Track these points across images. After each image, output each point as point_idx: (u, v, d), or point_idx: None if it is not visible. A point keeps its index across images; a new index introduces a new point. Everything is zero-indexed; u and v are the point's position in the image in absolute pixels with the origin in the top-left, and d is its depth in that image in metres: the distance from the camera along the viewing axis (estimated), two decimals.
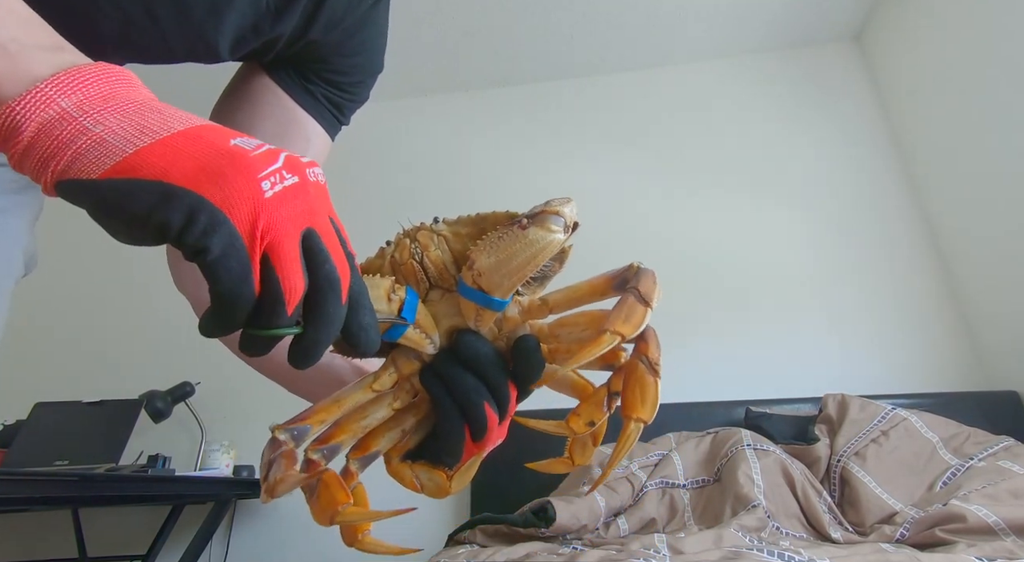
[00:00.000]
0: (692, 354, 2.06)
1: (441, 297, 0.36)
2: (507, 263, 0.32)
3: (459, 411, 0.35)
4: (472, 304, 0.34)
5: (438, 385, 0.36)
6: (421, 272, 0.36)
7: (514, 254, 0.32)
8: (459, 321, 0.36)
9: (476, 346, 0.35)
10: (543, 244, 0.32)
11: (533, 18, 2.32)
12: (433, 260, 0.36)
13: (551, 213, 0.32)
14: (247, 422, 2.16)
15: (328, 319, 0.29)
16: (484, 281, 0.33)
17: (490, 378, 0.35)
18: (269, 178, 0.26)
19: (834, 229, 2.17)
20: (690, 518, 1.42)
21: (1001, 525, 1.05)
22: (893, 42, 2.25)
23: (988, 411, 1.70)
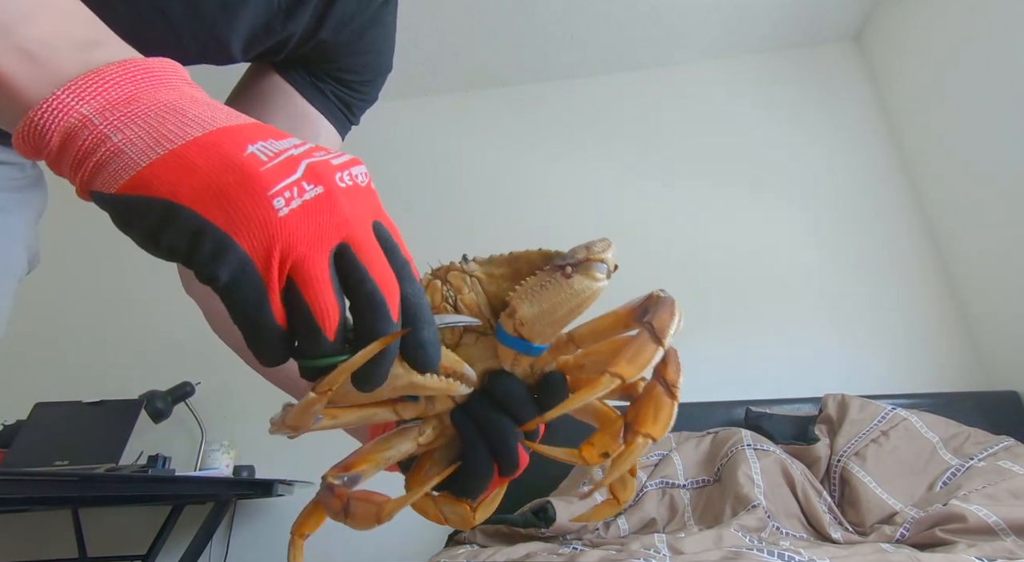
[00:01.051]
0: (692, 354, 2.05)
1: (475, 340, 0.35)
2: (551, 313, 0.31)
3: (490, 450, 0.35)
4: (511, 352, 0.33)
5: (471, 427, 0.35)
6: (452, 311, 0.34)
7: (559, 304, 0.31)
8: (494, 363, 0.35)
9: (512, 389, 0.35)
10: (588, 293, 0.31)
11: (533, 18, 2.32)
12: (467, 303, 0.34)
13: (596, 261, 0.31)
14: (247, 422, 2.16)
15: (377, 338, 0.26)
16: (526, 330, 0.32)
17: (522, 418, 0.35)
18: (283, 194, 0.24)
19: (834, 229, 2.17)
20: (690, 518, 1.42)
21: (1001, 525, 1.05)
22: (893, 42, 2.25)
23: (988, 411, 1.70)
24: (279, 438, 1.92)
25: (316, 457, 2.24)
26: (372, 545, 1.96)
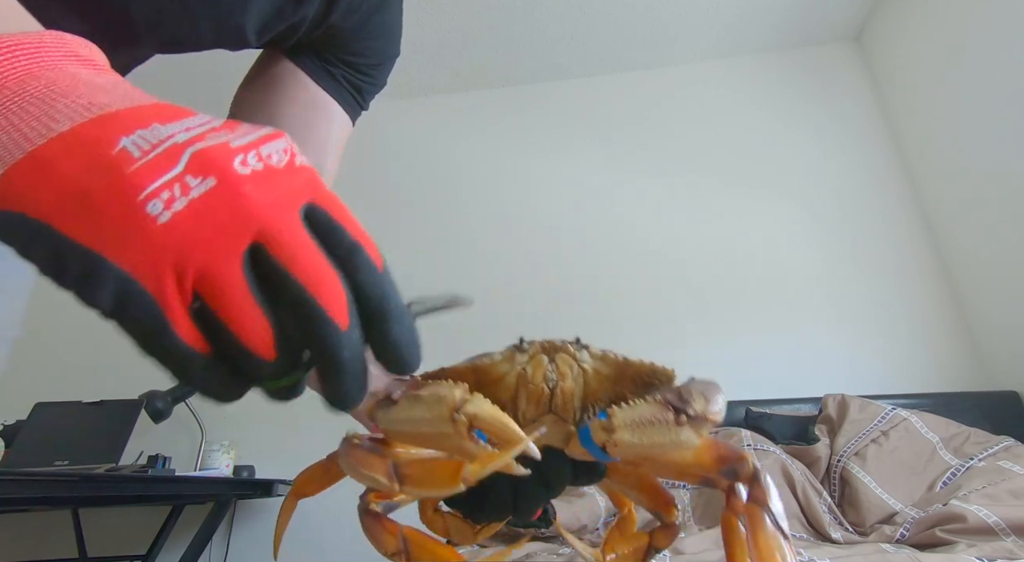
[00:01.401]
0: (692, 354, 2.06)
1: (553, 422, 0.34)
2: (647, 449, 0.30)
3: (513, 507, 0.35)
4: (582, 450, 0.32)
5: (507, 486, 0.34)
6: (547, 397, 0.33)
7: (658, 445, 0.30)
8: (557, 444, 0.34)
9: (564, 474, 0.35)
10: (688, 446, 0.30)
11: (533, 18, 2.32)
12: (565, 391, 0.33)
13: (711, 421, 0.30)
14: (247, 422, 2.16)
15: (327, 352, 0.22)
16: (612, 450, 0.30)
17: (556, 491, 0.35)
18: (160, 195, 0.19)
19: (834, 229, 2.17)
20: (690, 518, 1.42)
21: (1001, 525, 1.05)
22: (893, 42, 2.25)
23: (988, 411, 1.70)
24: (279, 438, 1.94)
25: (316, 457, 2.23)
26: (371, 545, 1.95)
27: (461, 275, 2.27)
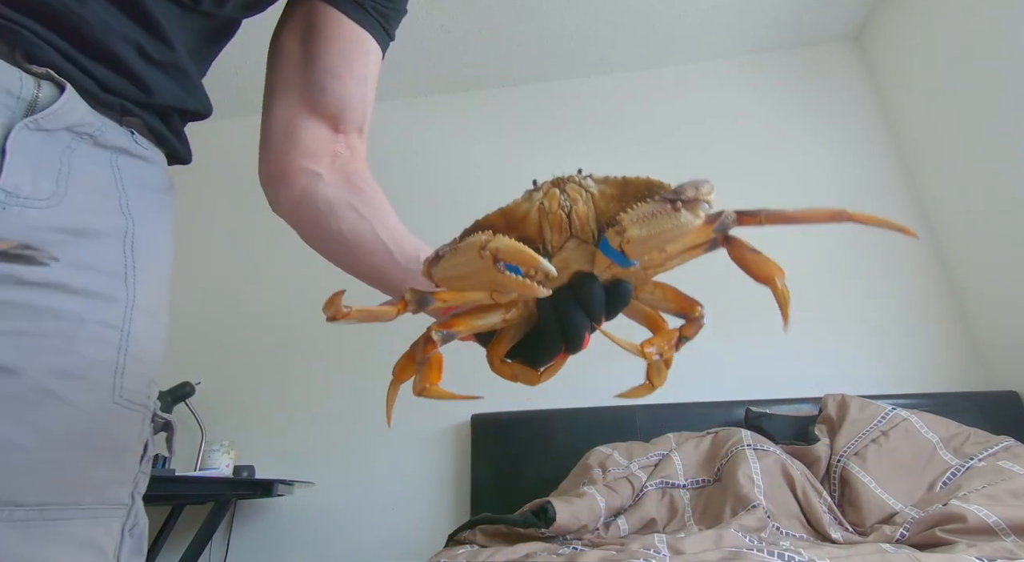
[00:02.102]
0: (692, 354, 2.05)
1: (576, 246, 0.40)
2: (656, 238, 0.36)
3: (562, 335, 0.40)
4: (606, 260, 0.38)
5: (552, 317, 0.40)
6: (566, 222, 0.39)
7: (664, 233, 0.35)
8: (586, 266, 0.40)
9: (596, 293, 0.40)
10: (690, 227, 0.36)
11: (533, 18, 2.32)
12: (579, 214, 0.39)
13: (703, 201, 0.35)
14: (247, 422, 2.17)
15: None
16: (629, 248, 0.36)
17: (596, 316, 0.41)
18: None
19: (833, 229, 2.17)
20: (690, 518, 1.42)
21: (1001, 525, 1.05)
22: (893, 42, 2.25)
23: (988, 411, 1.70)
24: (279, 438, 1.95)
25: (316, 457, 2.25)
26: (373, 545, 1.96)
27: None
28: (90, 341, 0.41)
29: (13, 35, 0.39)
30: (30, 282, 0.38)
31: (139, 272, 0.45)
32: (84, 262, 0.41)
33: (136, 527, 0.43)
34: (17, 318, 0.37)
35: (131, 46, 0.46)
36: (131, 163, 0.47)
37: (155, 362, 0.47)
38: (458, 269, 0.36)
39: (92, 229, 0.42)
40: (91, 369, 0.40)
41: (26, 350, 0.37)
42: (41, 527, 0.36)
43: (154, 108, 0.49)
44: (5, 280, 0.37)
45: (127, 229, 0.45)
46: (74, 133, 0.42)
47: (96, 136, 0.44)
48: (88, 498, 0.39)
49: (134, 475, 0.44)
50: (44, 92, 0.40)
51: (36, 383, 0.37)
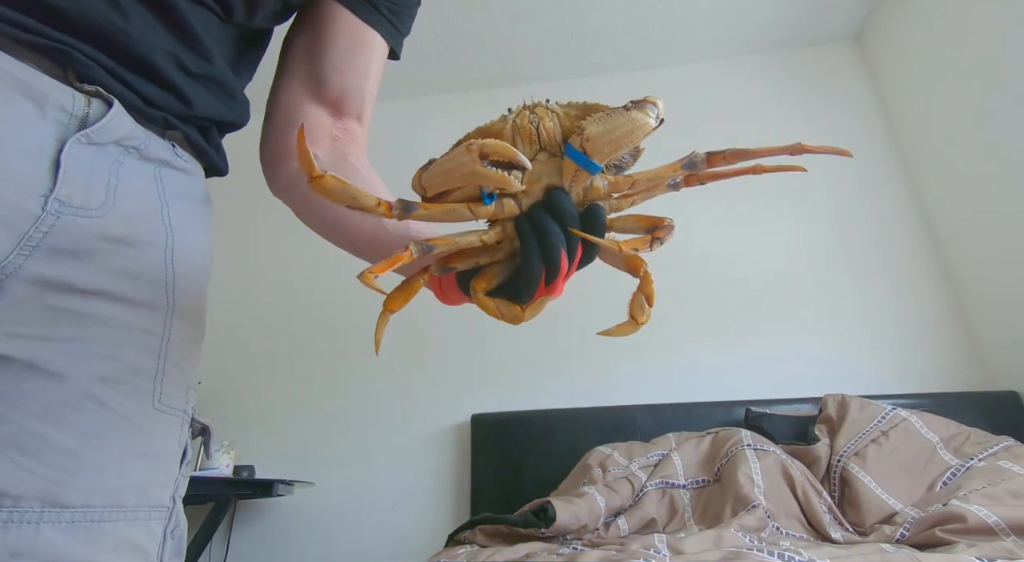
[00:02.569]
0: (692, 354, 2.06)
1: (546, 159, 0.43)
2: (612, 133, 0.40)
3: (541, 254, 0.42)
4: (572, 165, 0.41)
5: (528, 229, 0.42)
6: (536, 137, 0.43)
7: (617, 127, 0.39)
8: (556, 181, 0.43)
9: (564, 202, 0.42)
10: (641, 123, 0.40)
11: (533, 18, 2.32)
12: (547, 129, 0.43)
13: (650, 103, 0.40)
14: (247, 422, 2.17)
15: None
16: (589, 145, 0.40)
17: (569, 220, 0.42)
18: None
19: (834, 229, 2.17)
20: (690, 518, 1.42)
21: (1001, 525, 1.05)
22: (893, 42, 2.25)
23: (988, 411, 1.70)
24: (279, 438, 1.94)
25: (316, 457, 2.25)
26: (373, 545, 1.96)
27: None
28: (133, 348, 0.42)
29: (65, 56, 0.42)
30: (82, 290, 0.40)
31: (179, 281, 0.47)
32: (129, 271, 0.43)
33: (177, 529, 0.45)
34: (69, 324, 0.39)
35: (171, 59, 0.49)
36: (173, 175, 0.50)
37: (193, 368, 0.49)
38: (446, 167, 0.40)
39: (137, 239, 0.44)
40: (133, 375, 0.42)
41: (74, 356, 0.39)
42: (86, 528, 0.37)
43: (194, 121, 0.52)
44: (60, 287, 0.39)
45: (168, 239, 0.47)
46: (122, 147, 0.45)
47: (141, 149, 0.47)
48: (130, 500, 0.40)
49: (174, 478, 0.45)
50: (94, 108, 0.43)
51: (81, 388, 0.38)
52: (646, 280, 0.47)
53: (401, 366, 2.19)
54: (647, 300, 0.48)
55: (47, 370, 0.38)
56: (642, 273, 0.48)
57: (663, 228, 0.46)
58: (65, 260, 0.40)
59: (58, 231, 0.39)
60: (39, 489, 0.36)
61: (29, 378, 0.37)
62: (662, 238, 0.45)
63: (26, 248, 0.38)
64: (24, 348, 0.37)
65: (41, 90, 0.40)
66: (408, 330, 2.24)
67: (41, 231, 0.39)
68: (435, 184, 0.42)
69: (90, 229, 0.41)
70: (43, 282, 0.39)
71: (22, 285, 0.38)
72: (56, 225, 0.39)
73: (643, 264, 0.48)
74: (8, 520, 0.34)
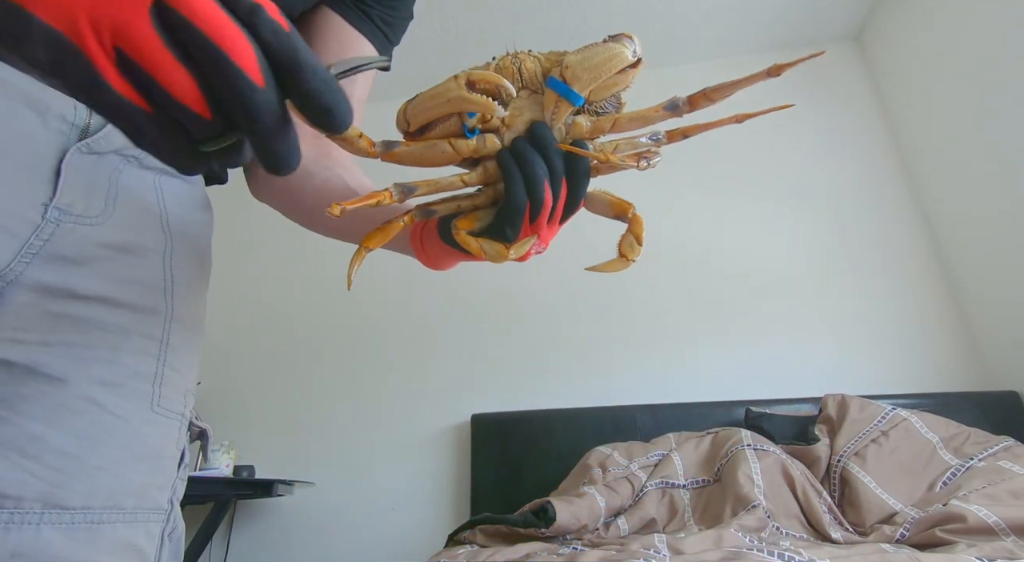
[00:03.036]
0: (692, 354, 2.06)
1: (528, 96, 0.44)
2: (590, 60, 0.40)
3: (524, 186, 0.41)
4: (553, 96, 0.42)
5: (510, 161, 0.42)
6: (517, 74, 0.44)
7: (595, 54, 0.41)
8: (538, 115, 0.44)
9: (546, 134, 0.42)
10: (618, 51, 0.41)
11: (533, 18, 2.32)
12: (528, 68, 0.44)
13: (627, 36, 0.41)
14: (247, 422, 2.16)
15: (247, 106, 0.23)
16: (568, 73, 0.41)
17: (552, 164, 0.42)
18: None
19: (834, 229, 2.17)
20: (690, 518, 1.42)
21: (1001, 525, 1.05)
22: (893, 42, 2.25)
23: (988, 411, 1.70)
24: (279, 438, 1.94)
25: (316, 457, 2.24)
26: (373, 545, 1.96)
27: (449, 274, 2.27)
28: (132, 352, 0.43)
29: None
30: (82, 296, 0.41)
31: (177, 287, 0.48)
32: (129, 277, 0.44)
33: (175, 532, 0.45)
34: (69, 330, 0.40)
35: None
36: (172, 183, 0.51)
37: (191, 373, 0.50)
38: (432, 96, 0.41)
39: (136, 245, 0.45)
40: (132, 379, 0.43)
41: (74, 360, 0.39)
42: (85, 529, 0.38)
43: None
44: (60, 293, 0.40)
45: (167, 245, 0.48)
46: (122, 155, 0.46)
47: (141, 158, 0.47)
48: (129, 502, 0.41)
49: (172, 481, 0.46)
50: (95, 118, 0.43)
51: (81, 392, 0.39)
52: (635, 221, 0.47)
53: (401, 366, 2.19)
54: (636, 240, 0.47)
55: (47, 374, 0.38)
56: (631, 215, 0.48)
57: (649, 153, 0.46)
58: (65, 267, 0.41)
59: (58, 239, 0.40)
60: (39, 491, 0.36)
61: (30, 382, 0.38)
62: (649, 159, 0.45)
63: (27, 255, 0.39)
64: (25, 353, 0.38)
65: (43, 101, 0.41)
66: (408, 330, 2.24)
67: (41, 239, 0.40)
68: (420, 112, 0.42)
69: (90, 236, 0.42)
70: (43, 288, 0.40)
71: (23, 292, 0.39)
72: (56, 233, 0.40)
73: (631, 207, 0.48)
74: (9, 521, 0.35)
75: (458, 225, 0.44)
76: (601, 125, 0.45)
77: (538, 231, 0.44)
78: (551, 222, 0.44)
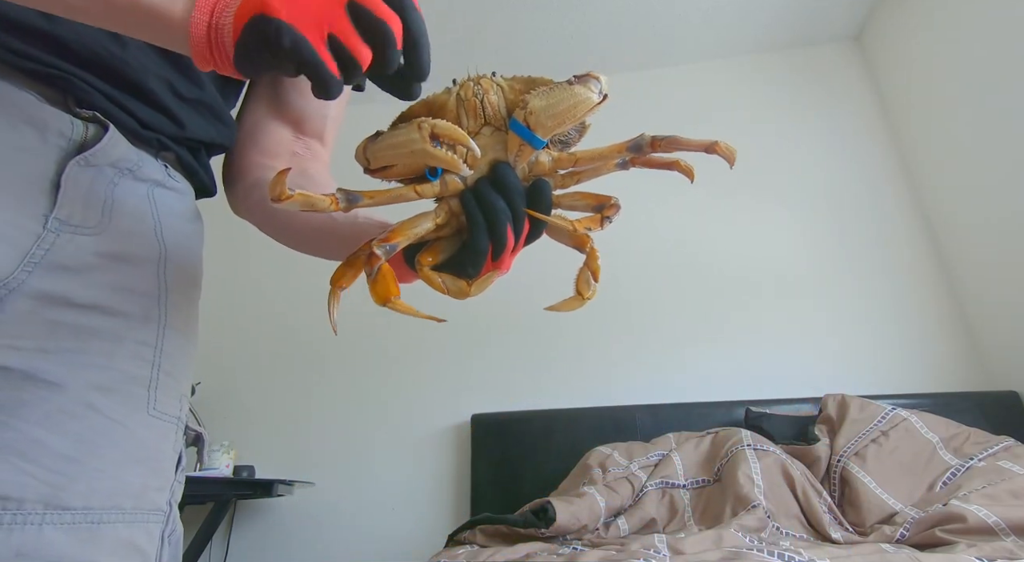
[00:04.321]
0: (692, 354, 2.06)
1: (491, 133, 0.44)
2: (555, 107, 0.40)
3: (487, 229, 0.42)
4: (517, 139, 0.42)
5: (473, 204, 0.43)
6: (480, 109, 0.44)
7: (560, 101, 0.40)
8: (501, 155, 0.44)
9: (509, 176, 0.43)
10: (584, 97, 0.41)
11: (533, 19, 2.32)
12: (491, 102, 0.44)
13: (593, 78, 0.41)
14: (247, 422, 2.16)
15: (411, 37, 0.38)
16: (532, 119, 0.41)
17: (514, 206, 0.43)
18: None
19: (834, 229, 2.17)
20: (690, 518, 1.42)
21: (1001, 525, 1.05)
22: (893, 42, 2.25)
23: (988, 411, 1.70)
24: (279, 438, 1.95)
25: (316, 457, 2.24)
26: (373, 545, 1.96)
27: None
28: (128, 358, 0.44)
29: (66, 83, 0.45)
30: (79, 304, 0.42)
31: (171, 294, 0.50)
32: (124, 285, 0.46)
33: (174, 534, 0.46)
34: (66, 337, 0.41)
35: (165, 85, 0.52)
36: (165, 194, 0.52)
37: (186, 378, 0.51)
38: (394, 144, 0.41)
39: (131, 254, 0.47)
40: (128, 383, 0.44)
41: (72, 366, 0.41)
42: (86, 529, 0.39)
43: (186, 142, 0.55)
44: (58, 301, 0.41)
45: (161, 254, 0.50)
46: (116, 168, 0.48)
47: (135, 171, 0.49)
48: (128, 503, 0.42)
49: (170, 483, 0.47)
50: (91, 133, 0.46)
51: (78, 396, 0.41)
52: (592, 256, 0.47)
53: (401, 366, 2.19)
54: (593, 276, 0.48)
55: (45, 380, 0.39)
56: (588, 249, 0.48)
57: (611, 206, 0.46)
58: (64, 275, 0.42)
59: (58, 249, 0.42)
60: (41, 492, 0.37)
61: (28, 388, 0.39)
62: (611, 217, 0.46)
63: (29, 265, 0.40)
64: (23, 359, 0.39)
65: (42, 118, 0.43)
66: (408, 330, 2.24)
67: (42, 249, 0.41)
68: (381, 158, 0.43)
69: (88, 246, 0.44)
70: (43, 297, 0.41)
71: (23, 300, 0.40)
72: (56, 243, 0.42)
73: (589, 241, 0.48)
74: (12, 522, 0.36)
75: (421, 261, 0.45)
76: (563, 162, 0.45)
77: (500, 267, 0.45)
78: (513, 253, 0.45)
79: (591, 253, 0.47)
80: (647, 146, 0.45)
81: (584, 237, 0.47)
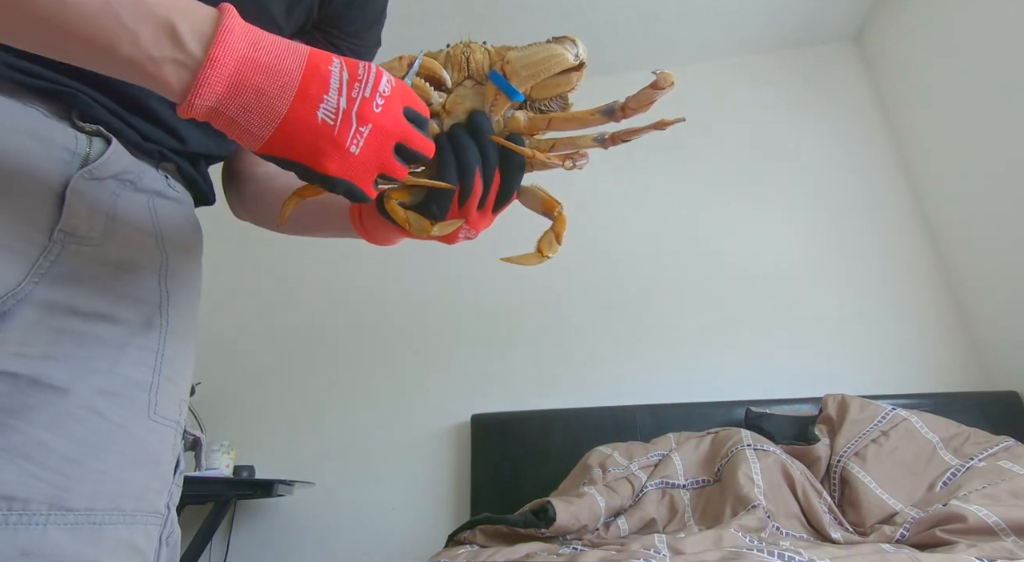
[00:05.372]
0: (692, 354, 2.06)
1: (472, 86, 0.47)
2: (530, 57, 0.43)
3: (456, 170, 0.45)
4: (493, 88, 0.45)
5: (446, 144, 0.46)
6: (464, 63, 0.47)
7: (536, 53, 0.43)
8: (479, 105, 0.47)
9: (483, 123, 0.46)
10: (558, 53, 0.43)
11: (533, 19, 2.32)
12: (477, 59, 0.47)
13: (570, 39, 0.44)
14: (247, 422, 2.16)
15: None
16: (508, 68, 0.44)
17: (486, 152, 0.46)
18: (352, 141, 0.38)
19: (834, 229, 2.17)
20: (690, 518, 1.42)
21: (1001, 525, 1.05)
22: (893, 42, 2.25)
23: (988, 411, 1.70)
24: (279, 438, 1.95)
25: (316, 457, 2.24)
26: (373, 544, 1.96)
27: (453, 274, 2.27)
28: (130, 364, 0.46)
29: (71, 98, 0.47)
30: (83, 312, 0.44)
31: (172, 301, 0.51)
32: (126, 293, 0.47)
33: (172, 536, 0.48)
34: (71, 344, 0.43)
35: (166, 102, 0.52)
36: (165, 205, 0.54)
37: (185, 382, 0.52)
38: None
39: (133, 263, 0.48)
40: (130, 388, 0.45)
41: (76, 372, 0.42)
42: (89, 530, 0.40)
43: (186, 154, 0.57)
44: (64, 310, 0.43)
45: (162, 263, 0.51)
46: (119, 180, 0.49)
47: (136, 182, 0.51)
48: (129, 505, 0.43)
49: (169, 486, 0.48)
50: (95, 147, 0.47)
51: (83, 401, 0.42)
52: (559, 220, 0.50)
53: (401, 366, 2.19)
54: (556, 238, 0.50)
55: (51, 385, 0.41)
56: (556, 214, 0.50)
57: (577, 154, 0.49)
58: (69, 285, 0.44)
59: (64, 259, 0.43)
60: (46, 493, 0.38)
61: (35, 393, 0.40)
62: (576, 160, 0.48)
63: (36, 275, 0.42)
64: (30, 366, 0.40)
65: (47, 133, 0.45)
66: (408, 331, 2.24)
67: (49, 260, 0.43)
68: None
69: (92, 256, 0.45)
70: (49, 306, 0.42)
71: (30, 309, 0.41)
72: (62, 254, 0.43)
73: (558, 205, 0.50)
74: (18, 522, 0.37)
75: (390, 194, 0.47)
76: (537, 123, 0.47)
77: (466, 216, 0.47)
78: (483, 210, 0.47)
79: (559, 217, 0.49)
80: (619, 110, 0.48)
81: (552, 202, 0.50)
